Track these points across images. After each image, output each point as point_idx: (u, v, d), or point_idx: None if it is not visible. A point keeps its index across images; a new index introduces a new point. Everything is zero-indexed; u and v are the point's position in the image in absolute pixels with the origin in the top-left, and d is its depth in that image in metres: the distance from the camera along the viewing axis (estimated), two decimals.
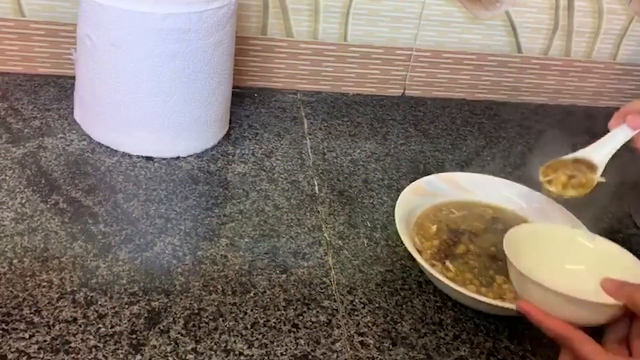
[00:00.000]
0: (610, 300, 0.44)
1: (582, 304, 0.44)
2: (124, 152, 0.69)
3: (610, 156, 0.55)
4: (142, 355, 0.47)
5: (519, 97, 0.93)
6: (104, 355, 0.46)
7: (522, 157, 0.80)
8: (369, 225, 0.65)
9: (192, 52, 0.64)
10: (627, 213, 0.72)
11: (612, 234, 0.51)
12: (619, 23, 0.89)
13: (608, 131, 0.56)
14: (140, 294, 0.52)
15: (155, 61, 0.63)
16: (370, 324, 0.53)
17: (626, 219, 0.71)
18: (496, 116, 0.89)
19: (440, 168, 0.75)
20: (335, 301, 0.55)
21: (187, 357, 0.47)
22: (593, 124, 0.92)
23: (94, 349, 0.47)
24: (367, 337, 0.52)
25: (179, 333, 0.49)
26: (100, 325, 0.49)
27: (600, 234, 0.54)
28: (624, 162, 0.57)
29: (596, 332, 0.44)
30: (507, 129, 0.87)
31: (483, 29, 0.87)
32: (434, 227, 0.62)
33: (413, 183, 0.64)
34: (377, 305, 0.55)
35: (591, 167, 0.55)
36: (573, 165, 0.56)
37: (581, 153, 0.57)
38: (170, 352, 0.48)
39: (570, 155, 0.57)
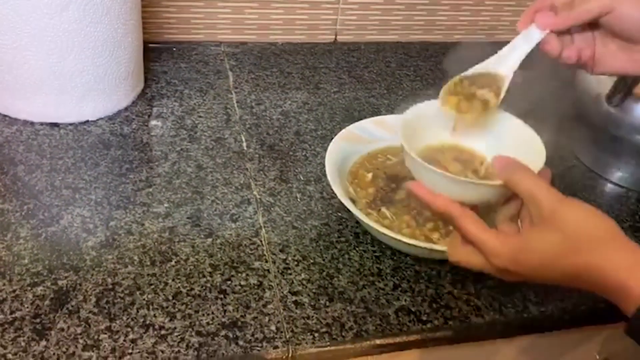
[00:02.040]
0: (493, 180, 0.43)
1: (465, 185, 0.43)
2: (25, 120, 0.62)
3: (518, 64, 0.48)
4: (47, 340, 0.42)
5: (455, 37, 0.90)
6: (2, 345, 0.41)
7: None
8: (302, 179, 0.60)
9: (87, 0, 0.56)
10: (567, 145, 0.70)
11: (552, 167, 0.48)
12: None
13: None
14: (45, 274, 0.47)
15: (43, 13, 0.55)
16: (304, 282, 0.49)
17: (567, 154, 0.70)
18: (432, 57, 0.85)
19: (376, 114, 0.71)
20: (266, 261, 0.51)
21: (100, 337, 0.43)
22: (532, 57, 0.89)
23: None
24: (302, 295, 0.48)
25: (90, 312, 0.44)
26: None
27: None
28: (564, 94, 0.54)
29: None
30: (444, 69, 0.83)
31: None
32: (370, 175, 0.58)
33: (344, 130, 0.60)
34: (311, 261, 0.51)
35: (498, 80, 0.48)
36: (473, 84, 0.50)
37: (484, 66, 0.49)
38: (80, 334, 0.43)
39: (470, 71, 0.50)
